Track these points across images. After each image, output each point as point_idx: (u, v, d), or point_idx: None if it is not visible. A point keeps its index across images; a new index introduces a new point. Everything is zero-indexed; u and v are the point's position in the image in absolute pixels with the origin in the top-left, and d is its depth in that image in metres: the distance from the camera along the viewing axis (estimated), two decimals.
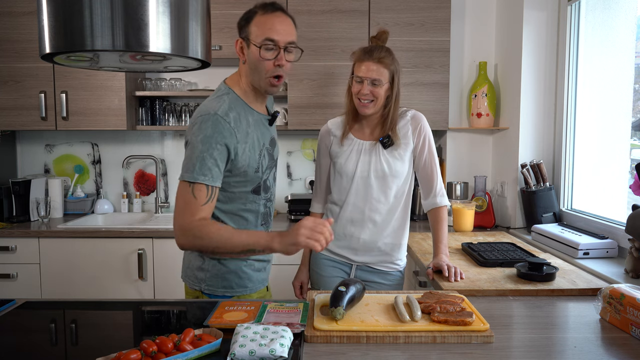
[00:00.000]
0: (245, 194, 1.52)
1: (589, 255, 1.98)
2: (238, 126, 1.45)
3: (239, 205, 1.53)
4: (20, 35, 2.83)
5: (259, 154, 1.52)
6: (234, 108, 1.47)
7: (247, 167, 1.48)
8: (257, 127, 1.53)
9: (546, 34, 2.63)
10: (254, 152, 1.50)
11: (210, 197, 1.43)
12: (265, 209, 1.60)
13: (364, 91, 1.76)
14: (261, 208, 1.58)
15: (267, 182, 1.57)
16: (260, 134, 1.54)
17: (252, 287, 1.60)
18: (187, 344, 1.11)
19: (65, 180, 3.21)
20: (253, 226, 1.57)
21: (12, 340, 1.27)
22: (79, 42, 0.97)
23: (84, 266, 2.69)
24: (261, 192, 1.56)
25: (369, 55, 1.76)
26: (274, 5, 1.48)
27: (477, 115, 2.92)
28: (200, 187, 1.40)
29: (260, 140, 1.53)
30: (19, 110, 2.87)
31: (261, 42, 1.44)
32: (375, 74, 1.74)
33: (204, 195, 1.41)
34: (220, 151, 1.41)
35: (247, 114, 1.51)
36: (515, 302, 1.54)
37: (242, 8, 2.88)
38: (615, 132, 2.33)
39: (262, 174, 1.54)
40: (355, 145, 1.86)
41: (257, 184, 1.53)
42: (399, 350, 1.17)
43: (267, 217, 1.63)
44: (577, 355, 1.16)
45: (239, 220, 1.55)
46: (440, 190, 1.90)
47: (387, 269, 1.90)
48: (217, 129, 1.41)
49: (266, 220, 1.62)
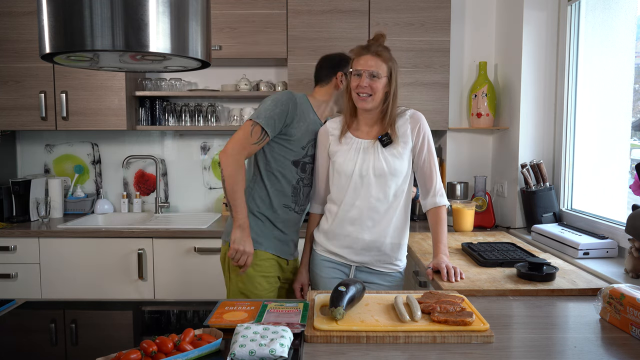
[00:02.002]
0: (286, 161, 1.90)
1: (589, 255, 1.98)
2: (300, 108, 1.88)
3: (278, 168, 1.90)
4: (20, 35, 2.83)
5: (309, 140, 1.92)
6: (302, 101, 1.92)
7: (297, 139, 1.88)
8: (314, 124, 1.94)
9: (546, 34, 2.63)
10: (307, 133, 1.91)
11: (261, 139, 1.83)
12: (298, 184, 1.94)
13: (363, 84, 1.77)
14: (294, 180, 1.92)
15: (307, 165, 1.94)
16: (314, 130, 1.94)
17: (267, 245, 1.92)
18: (187, 344, 1.11)
19: (65, 180, 3.21)
20: (284, 193, 1.92)
21: (12, 340, 1.27)
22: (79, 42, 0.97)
23: (84, 266, 2.68)
24: (299, 167, 1.92)
25: (367, 50, 1.80)
26: None
27: (477, 115, 2.92)
28: (259, 129, 1.81)
29: (313, 134, 1.94)
30: (19, 110, 2.87)
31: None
32: (373, 67, 1.77)
33: (257, 137, 1.82)
34: (282, 113, 1.84)
35: (310, 112, 1.95)
36: (515, 302, 1.54)
37: (242, 8, 2.90)
38: (615, 132, 2.33)
39: (306, 155, 1.93)
40: (354, 143, 1.86)
41: (298, 158, 1.91)
42: (399, 350, 1.17)
43: (298, 192, 1.95)
44: (577, 355, 1.16)
45: (274, 181, 1.91)
46: (440, 189, 1.90)
47: (387, 270, 1.90)
48: (286, 99, 1.86)
49: (296, 194, 1.95)
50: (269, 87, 3.04)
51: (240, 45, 2.83)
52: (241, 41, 2.83)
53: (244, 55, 2.84)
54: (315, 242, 1.96)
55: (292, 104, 1.86)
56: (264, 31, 2.83)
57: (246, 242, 1.82)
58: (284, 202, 1.93)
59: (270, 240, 1.93)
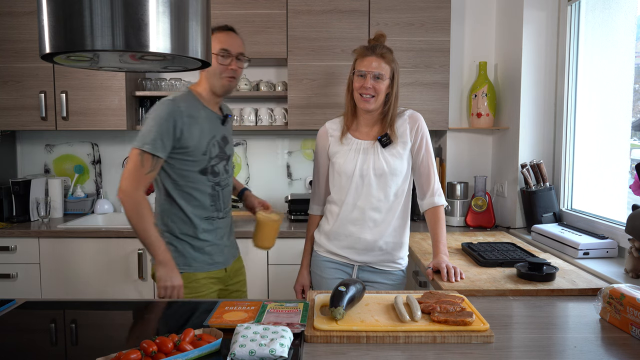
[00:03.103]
0: (194, 174, 1.77)
1: (589, 255, 1.98)
2: (187, 113, 1.73)
3: (188, 184, 1.77)
4: (20, 35, 2.83)
5: (208, 141, 1.78)
6: (188, 100, 1.78)
7: (195, 147, 1.74)
8: (207, 120, 1.80)
9: (546, 34, 2.63)
10: (204, 135, 1.77)
11: (154, 166, 1.70)
12: (214, 191, 1.82)
13: (367, 85, 1.77)
14: (208, 189, 1.80)
15: (215, 167, 1.81)
16: (211, 127, 1.80)
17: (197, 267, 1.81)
18: (187, 344, 1.11)
19: (65, 180, 3.21)
20: (203, 206, 1.80)
21: (12, 340, 1.27)
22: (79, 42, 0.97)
23: (84, 266, 2.68)
24: (208, 174, 1.79)
25: (372, 51, 1.79)
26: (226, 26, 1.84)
27: (477, 115, 2.92)
28: (147, 156, 1.68)
29: (210, 131, 1.80)
30: (19, 110, 2.87)
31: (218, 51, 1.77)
32: (377, 69, 1.77)
33: (149, 165, 1.69)
34: (168, 130, 1.69)
35: (200, 109, 1.80)
36: (515, 302, 1.54)
37: (242, 8, 2.90)
38: (615, 132, 2.33)
39: (210, 159, 1.79)
40: (354, 144, 1.86)
41: (204, 166, 1.77)
42: (399, 350, 1.17)
43: (217, 200, 1.83)
44: (577, 355, 1.16)
45: (188, 198, 1.78)
46: (438, 189, 1.90)
47: (389, 269, 1.90)
48: (166, 114, 1.70)
49: (215, 202, 1.83)
50: (269, 87, 3.05)
51: None
52: None
53: None
54: (317, 243, 1.96)
55: (176, 115, 1.70)
56: (264, 31, 2.83)
57: (172, 277, 1.69)
58: (205, 216, 1.80)
59: (200, 260, 1.82)
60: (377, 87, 1.78)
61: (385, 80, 1.78)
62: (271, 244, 1.96)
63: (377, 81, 1.77)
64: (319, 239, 1.95)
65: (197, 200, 1.78)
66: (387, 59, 1.79)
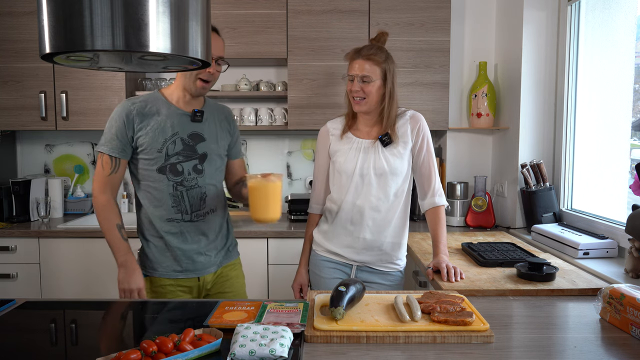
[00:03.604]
0: (152, 173, 1.73)
1: (589, 255, 1.98)
2: (142, 112, 1.72)
3: (148, 183, 1.75)
4: (20, 35, 2.83)
5: (166, 138, 1.72)
6: (146, 99, 1.75)
7: (149, 144, 1.71)
8: (170, 117, 1.75)
9: (546, 34, 2.63)
10: (159, 135, 1.72)
11: (115, 167, 1.72)
12: (176, 191, 1.75)
13: (355, 88, 1.78)
14: (169, 189, 1.74)
15: (177, 166, 1.74)
16: (174, 123, 1.74)
17: (163, 272, 1.79)
18: (187, 344, 1.11)
19: (65, 180, 3.21)
20: (163, 206, 1.75)
21: (12, 340, 1.26)
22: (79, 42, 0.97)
23: (84, 266, 2.68)
24: (167, 173, 1.73)
25: (359, 54, 1.80)
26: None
27: (477, 115, 2.92)
28: (106, 157, 1.71)
29: (173, 128, 1.74)
30: (19, 110, 2.87)
31: None
32: (364, 71, 1.77)
33: (109, 166, 1.71)
34: (120, 129, 1.69)
35: (162, 106, 1.75)
36: (515, 302, 1.54)
37: (242, 8, 2.90)
38: (615, 132, 2.33)
39: (168, 156, 1.73)
40: (355, 143, 1.87)
41: (162, 164, 1.73)
42: (399, 350, 1.17)
43: (180, 201, 1.76)
44: (577, 355, 1.16)
45: (149, 197, 1.76)
46: (439, 189, 1.90)
47: (388, 269, 1.90)
48: (118, 114, 1.71)
49: (178, 203, 1.76)
50: (269, 87, 3.05)
51: (240, 45, 2.83)
52: (241, 41, 2.83)
53: (244, 55, 2.84)
54: (315, 242, 1.96)
55: (126, 114, 1.69)
56: (264, 31, 2.83)
57: (131, 279, 1.69)
58: (167, 217, 1.75)
59: (165, 265, 1.78)
60: (366, 89, 1.78)
61: (374, 81, 1.78)
62: (269, 215, 1.61)
63: (365, 84, 1.78)
64: (318, 238, 1.95)
65: (157, 200, 1.75)
66: (374, 60, 1.78)
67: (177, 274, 1.79)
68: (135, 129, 1.70)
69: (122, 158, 1.72)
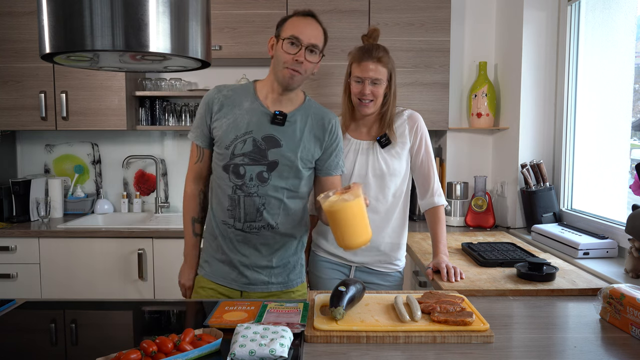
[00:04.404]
0: (218, 168, 1.62)
1: (589, 255, 1.98)
2: (225, 102, 1.60)
3: (215, 179, 1.65)
4: (20, 35, 2.83)
5: (237, 136, 1.57)
6: (236, 88, 1.64)
7: (220, 139, 1.59)
8: (250, 114, 1.59)
9: (546, 34, 2.63)
10: (231, 130, 1.57)
11: (200, 157, 1.65)
12: (235, 194, 1.58)
13: (365, 91, 1.75)
14: (229, 190, 1.59)
15: (239, 168, 1.57)
16: (251, 121, 1.58)
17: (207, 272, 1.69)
18: (187, 344, 1.11)
19: (65, 180, 3.21)
20: (221, 207, 1.62)
21: (12, 340, 1.26)
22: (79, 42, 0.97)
23: (84, 266, 2.68)
24: (230, 173, 1.59)
25: (369, 55, 1.76)
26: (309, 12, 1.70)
27: (477, 115, 2.92)
28: (193, 145, 1.65)
29: (248, 126, 1.57)
30: (19, 110, 2.87)
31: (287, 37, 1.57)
32: (375, 74, 1.75)
33: (195, 154, 1.66)
34: (201, 117, 1.62)
35: (246, 100, 1.61)
36: (515, 302, 1.54)
37: (242, 8, 2.90)
38: (615, 132, 2.33)
39: (234, 155, 1.57)
40: (353, 144, 1.86)
41: (226, 162, 1.59)
42: (399, 350, 1.17)
43: (237, 205, 1.58)
44: (577, 355, 1.16)
45: (215, 193, 1.66)
46: (438, 189, 1.89)
47: (386, 270, 1.90)
48: (204, 100, 1.63)
49: (234, 208, 1.59)
50: None
51: (240, 45, 2.83)
52: (241, 41, 2.83)
53: (244, 55, 2.84)
54: (314, 243, 1.96)
55: (208, 101, 1.61)
56: (264, 31, 2.82)
57: (183, 275, 1.71)
58: (222, 219, 1.62)
59: (214, 264, 1.65)
60: (375, 92, 1.77)
61: (382, 83, 1.77)
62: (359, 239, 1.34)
63: (375, 86, 1.76)
64: (317, 239, 1.95)
65: (219, 198, 1.63)
66: (383, 61, 1.76)
67: (220, 279, 1.64)
68: (213, 119, 1.60)
69: (204, 146, 1.64)
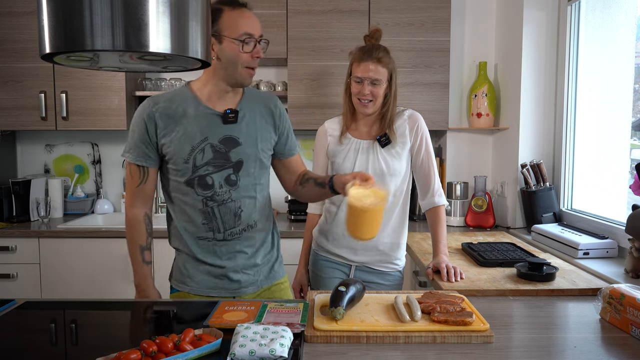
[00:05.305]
0: (180, 185, 1.52)
1: (589, 255, 1.98)
2: (167, 114, 1.48)
3: (178, 195, 1.54)
4: (20, 35, 2.83)
5: (194, 146, 1.48)
6: (174, 98, 1.51)
7: (174, 154, 1.48)
8: (199, 120, 1.49)
9: (546, 34, 2.63)
10: (185, 142, 1.48)
11: (144, 178, 1.51)
12: (206, 207, 1.51)
13: (365, 91, 1.76)
14: (199, 204, 1.51)
15: (206, 178, 1.49)
16: (202, 127, 1.49)
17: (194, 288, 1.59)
18: (187, 344, 1.10)
19: (65, 180, 3.21)
20: (194, 224, 1.53)
21: (12, 340, 1.26)
22: (79, 42, 0.96)
23: (84, 266, 2.68)
24: (195, 187, 1.50)
25: (369, 55, 1.76)
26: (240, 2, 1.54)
27: (477, 115, 2.92)
28: (133, 166, 1.51)
29: (202, 133, 1.49)
30: (19, 110, 2.87)
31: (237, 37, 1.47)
32: (375, 74, 1.75)
33: (138, 176, 1.51)
34: (141, 135, 1.48)
35: (189, 106, 1.50)
36: (515, 302, 1.54)
37: None
38: (615, 132, 2.33)
39: (196, 167, 1.49)
40: (353, 144, 1.86)
41: (189, 177, 1.49)
42: (399, 350, 1.17)
43: (212, 218, 1.52)
44: (577, 355, 1.16)
45: (180, 212, 1.54)
46: (438, 189, 1.89)
47: (386, 269, 1.90)
48: (138, 117, 1.49)
49: (210, 221, 1.52)
50: (269, 87, 3.04)
51: None
52: None
53: None
54: (315, 242, 1.96)
55: (147, 116, 1.47)
56: (264, 31, 2.80)
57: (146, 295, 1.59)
58: (197, 235, 1.54)
59: (198, 278, 1.57)
60: (375, 92, 1.77)
61: (383, 84, 1.77)
62: (371, 234, 1.44)
63: (375, 86, 1.76)
64: (317, 238, 1.95)
65: (187, 215, 1.53)
66: (383, 62, 1.76)
67: (209, 290, 1.56)
68: (159, 135, 1.47)
69: (149, 167, 1.51)
